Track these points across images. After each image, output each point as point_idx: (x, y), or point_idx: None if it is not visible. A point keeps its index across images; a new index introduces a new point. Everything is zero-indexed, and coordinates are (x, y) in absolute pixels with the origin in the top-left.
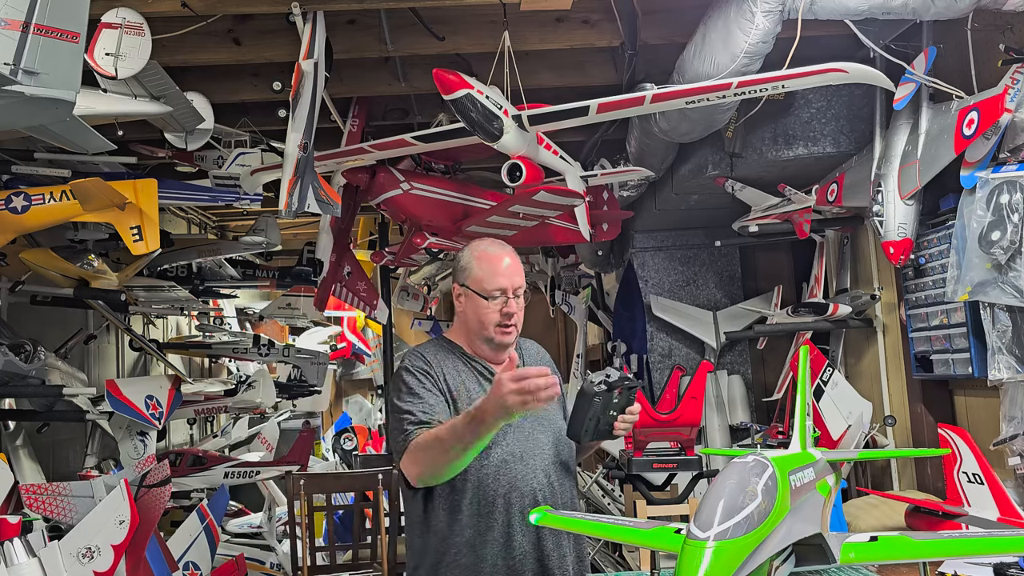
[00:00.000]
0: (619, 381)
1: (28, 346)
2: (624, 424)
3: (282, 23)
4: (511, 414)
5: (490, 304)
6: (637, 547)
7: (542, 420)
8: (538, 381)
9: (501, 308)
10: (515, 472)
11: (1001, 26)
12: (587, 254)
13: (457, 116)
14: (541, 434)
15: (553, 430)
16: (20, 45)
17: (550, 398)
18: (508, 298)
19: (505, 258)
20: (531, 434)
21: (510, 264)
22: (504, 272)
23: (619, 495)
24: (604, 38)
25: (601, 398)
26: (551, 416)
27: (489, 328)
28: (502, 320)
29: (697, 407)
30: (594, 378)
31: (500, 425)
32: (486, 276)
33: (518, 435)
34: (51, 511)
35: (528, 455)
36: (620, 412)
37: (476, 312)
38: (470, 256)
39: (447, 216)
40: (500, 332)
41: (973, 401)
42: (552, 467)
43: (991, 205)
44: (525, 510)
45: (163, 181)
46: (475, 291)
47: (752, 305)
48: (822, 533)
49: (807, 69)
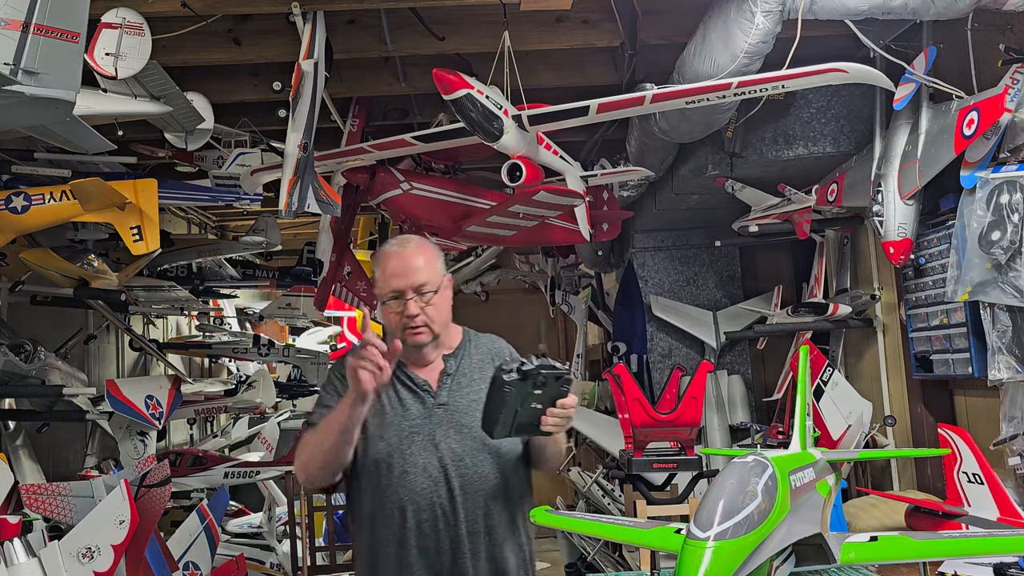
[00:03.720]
0: (536, 369)
1: (28, 346)
2: (554, 420)
3: (282, 23)
4: (358, 388)
5: (389, 307)
6: (637, 547)
7: (463, 428)
8: (365, 351)
9: (401, 310)
10: (413, 483)
11: (1001, 26)
12: (587, 254)
13: (457, 116)
14: (456, 444)
15: (476, 436)
16: (20, 45)
17: (369, 369)
18: (406, 300)
19: (403, 257)
20: (443, 440)
21: (401, 263)
22: (394, 273)
23: (619, 495)
24: (604, 38)
25: (514, 388)
26: (476, 421)
27: (398, 332)
28: (404, 322)
29: (697, 407)
30: (507, 365)
31: (360, 404)
32: (380, 280)
33: (424, 442)
34: (51, 511)
35: (432, 465)
36: (548, 405)
37: (385, 318)
38: (375, 259)
39: (447, 216)
40: (409, 334)
41: (973, 401)
42: (462, 479)
43: (991, 205)
44: (423, 525)
45: (163, 181)
46: (379, 296)
47: (752, 305)
48: (822, 533)
49: (807, 69)
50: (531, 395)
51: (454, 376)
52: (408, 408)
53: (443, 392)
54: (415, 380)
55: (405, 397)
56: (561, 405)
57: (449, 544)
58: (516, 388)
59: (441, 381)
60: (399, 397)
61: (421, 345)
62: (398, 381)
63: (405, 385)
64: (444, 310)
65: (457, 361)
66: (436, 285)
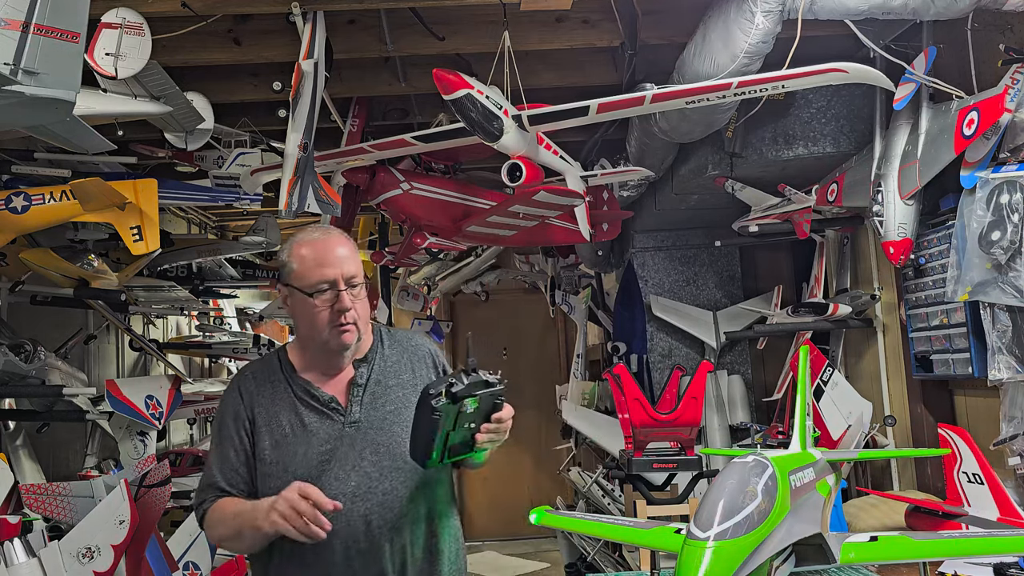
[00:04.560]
0: (468, 390)
1: (28, 346)
2: (489, 436)
3: (282, 23)
4: (272, 528)
5: (316, 301)
6: (637, 547)
7: (379, 447)
8: (304, 507)
9: (332, 304)
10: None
11: (1001, 26)
12: (587, 254)
13: (457, 116)
14: (373, 467)
15: (395, 456)
16: (20, 45)
17: (308, 535)
18: (339, 291)
19: (330, 244)
20: (357, 465)
21: (336, 250)
22: (330, 260)
23: (619, 495)
24: (604, 38)
25: (445, 412)
26: (395, 438)
27: (323, 330)
28: (334, 318)
29: (697, 407)
30: (433, 386)
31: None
32: (308, 268)
33: (336, 471)
34: (51, 511)
35: (347, 497)
36: (483, 421)
37: (304, 314)
38: (289, 249)
39: (447, 216)
40: (336, 333)
41: (973, 401)
42: (382, 509)
43: (991, 205)
44: (344, 565)
45: (163, 181)
46: (299, 289)
47: (752, 305)
48: (822, 533)
49: (807, 69)
50: (464, 416)
51: (365, 386)
52: (314, 432)
53: (354, 407)
54: (319, 398)
55: (310, 420)
56: (496, 420)
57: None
58: (447, 412)
59: (351, 394)
60: (302, 421)
61: (346, 347)
62: (299, 401)
63: (308, 405)
64: (367, 307)
65: (369, 368)
66: (362, 278)
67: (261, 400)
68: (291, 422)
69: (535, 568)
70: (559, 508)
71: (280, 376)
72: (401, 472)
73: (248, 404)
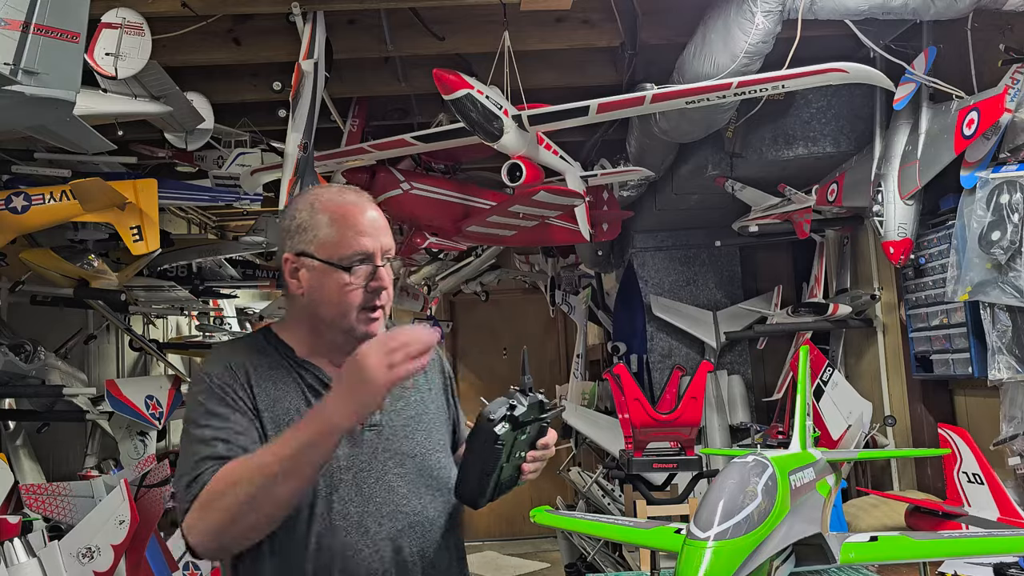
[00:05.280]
0: (530, 412)
1: (28, 346)
2: (535, 466)
3: (282, 23)
4: (375, 402)
5: (350, 278)
6: (637, 547)
7: (404, 456)
8: (410, 339)
9: (368, 282)
10: (344, 544)
11: (1001, 26)
12: (587, 254)
13: (457, 116)
14: (400, 479)
15: (423, 469)
16: (20, 45)
17: (425, 350)
18: (376, 266)
19: (368, 210)
20: (381, 479)
21: (370, 218)
22: (363, 229)
23: (619, 495)
24: (604, 38)
25: (507, 441)
26: (420, 447)
27: (351, 314)
28: (368, 299)
29: (697, 407)
30: (493, 410)
31: (343, 434)
32: (342, 236)
33: (358, 482)
34: (51, 511)
35: (371, 516)
36: (531, 449)
37: (329, 292)
38: (312, 210)
39: (447, 216)
40: (366, 318)
41: (973, 401)
42: (413, 532)
43: (991, 205)
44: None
45: (163, 181)
46: (325, 260)
47: (752, 305)
48: (822, 533)
49: (807, 69)
50: (519, 444)
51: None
52: None
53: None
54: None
55: None
56: (542, 446)
57: None
58: (508, 441)
59: None
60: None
61: (372, 336)
62: (310, 391)
63: (322, 395)
64: (392, 291)
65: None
66: (394, 254)
67: (260, 380)
68: (301, 411)
69: (535, 568)
70: (559, 508)
71: (277, 356)
72: (431, 492)
73: (246, 381)
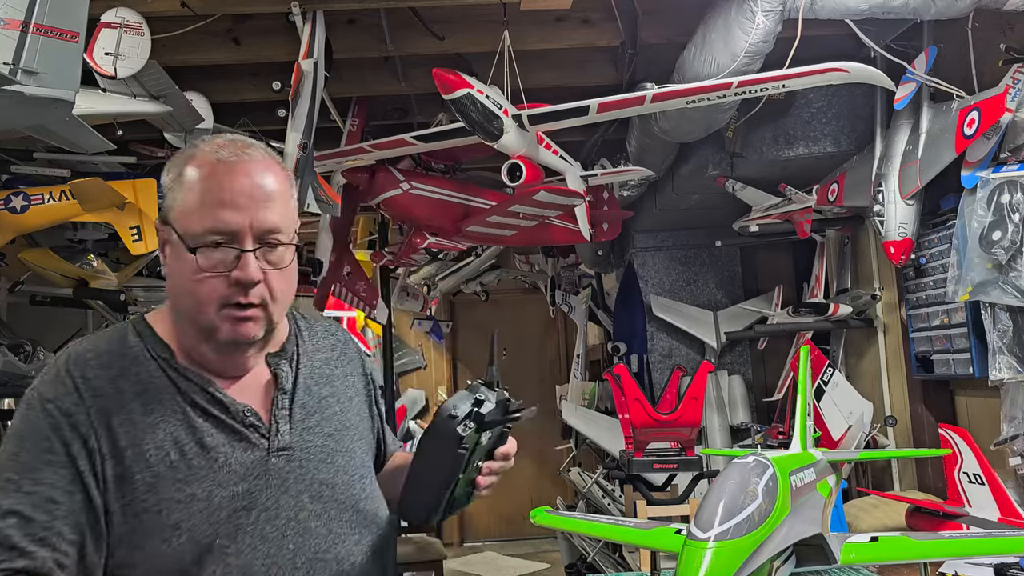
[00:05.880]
0: (497, 411)
1: (28, 346)
2: (491, 479)
3: (282, 23)
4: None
5: (200, 260)
6: (637, 548)
7: (321, 486)
8: None
9: (228, 270)
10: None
11: (1001, 26)
12: (587, 254)
13: (457, 116)
14: (316, 518)
15: (345, 501)
16: (19, 45)
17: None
18: (241, 251)
19: (244, 172)
20: (293, 518)
21: (251, 180)
22: (237, 198)
23: (619, 495)
24: (604, 38)
25: (470, 444)
26: (341, 473)
27: (205, 309)
28: (227, 294)
29: (697, 407)
30: (456, 405)
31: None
32: (200, 205)
33: (262, 527)
34: None
35: (282, 569)
36: (488, 459)
37: (181, 277)
38: (179, 165)
39: (447, 216)
40: (227, 318)
41: (974, 401)
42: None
43: (992, 205)
44: None
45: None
46: (180, 235)
47: (753, 305)
48: (823, 533)
49: (807, 69)
50: (479, 448)
51: (293, 395)
52: (224, 462)
53: (280, 426)
54: (228, 406)
55: (214, 440)
56: (502, 456)
57: None
58: (471, 444)
59: (276, 405)
60: (201, 442)
61: (248, 341)
62: (194, 409)
63: (209, 415)
64: (293, 285)
65: (292, 367)
66: (291, 235)
67: (122, 405)
68: (181, 443)
69: (535, 568)
70: (559, 508)
71: (151, 365)
72: (356, 530)
73: (95, 410)
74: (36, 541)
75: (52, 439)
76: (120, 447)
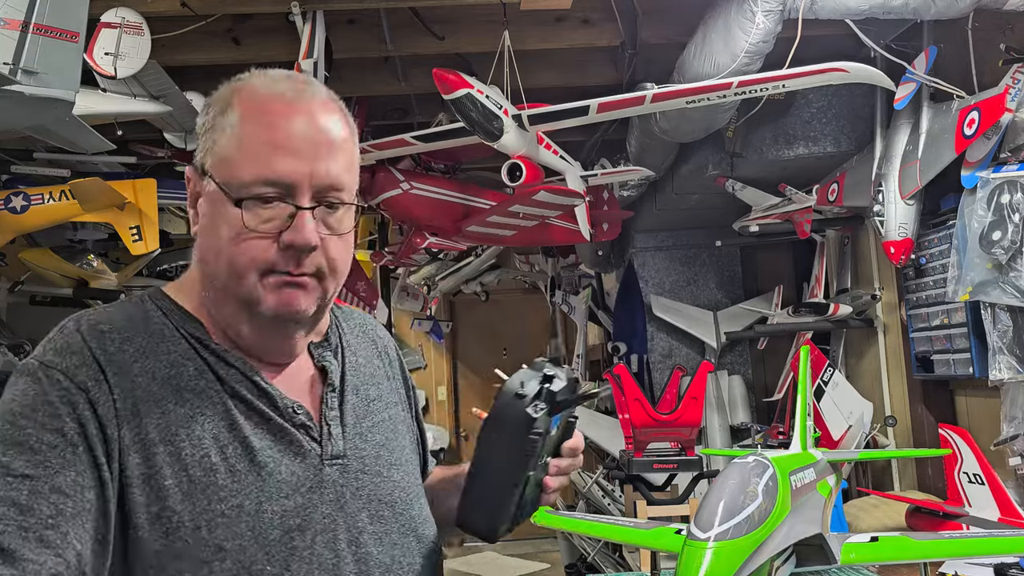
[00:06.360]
0: (568, 389)
1: (28, 346)
2: (560, 480)
3: (282, 23)
4: None
5: (246, 216)
6: (637, 548)
7: (380, 504)
8: None
9: (278, 230)
10: None
11: (1001, 26)
12: (587, 254)
13: (457, 116)
14: (377, 542)
15: (406, 523)
16: (20, 45)
17: None
18: (296, 208)
19: (305, 109)
20: (354, 542)
21: (315, 130)
22: (296, 141)
23: (619, 495)
24: (604, 38)
25: (543, 430)
26: (399, 489)
27: (247, 276)
28: (277, 261)
29: (698, 407)
30: (524, 383)
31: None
32: (249, 147)
33: (318, 551)
34: None
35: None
36: (555, 455)
37: (216, 237)
38: (226, 101)
39: (447, 216)
40: (274, 288)
41: (974, 401)
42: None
43: (992, 205)
44: None
45: (162, 181)
46: (219, 185)
47: (753, 305)
48: (823, 533)
49: (808, 69)
50: (549, 439)
51: (343, 392)
52: (273, 472)
53: (332, 429)
54: (279, 402)
55: (262, 443)
56: (569, 451)
57: None
58: (544, 431)
59: (325, 404)
60: (247, 445)
61: (295, 318)
62: (241, 403)
63: (259, 412)
64: (349, 259)
65: (338, 358)
66: (352, 195)
67: (150, 389)
68: (222, 443)
69: (535, 568)
70: (559, 508)
71: (181, 344)
72: (416, 557)
73: (120, 391)
74: (35, 541)
75: (63, 415)
76: (149, 439)
